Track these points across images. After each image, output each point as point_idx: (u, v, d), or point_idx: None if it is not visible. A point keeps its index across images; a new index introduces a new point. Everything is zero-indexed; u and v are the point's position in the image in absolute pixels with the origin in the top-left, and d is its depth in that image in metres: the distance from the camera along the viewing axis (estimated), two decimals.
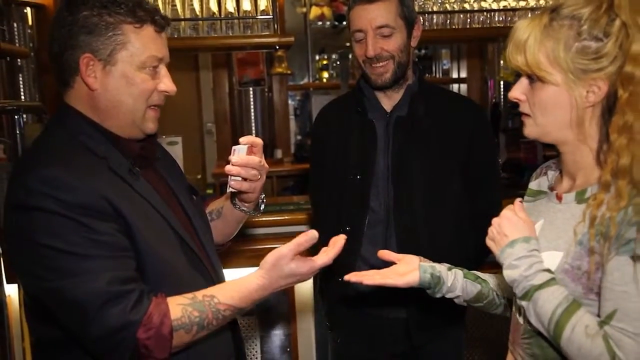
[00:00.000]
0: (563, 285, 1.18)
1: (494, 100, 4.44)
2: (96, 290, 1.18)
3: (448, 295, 1.45)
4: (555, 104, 1.21)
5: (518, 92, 1.27)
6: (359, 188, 2.00)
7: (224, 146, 5.42)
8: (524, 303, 1.20)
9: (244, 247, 2.53)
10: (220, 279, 1.48)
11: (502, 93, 5.06)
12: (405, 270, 1.44)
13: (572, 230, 1.20)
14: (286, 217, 2.72)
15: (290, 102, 5.52)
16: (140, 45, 1.32)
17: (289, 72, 5.06)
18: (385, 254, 1.47)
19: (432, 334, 2.02)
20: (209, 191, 5.07)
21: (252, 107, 5.14)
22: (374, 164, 1.99)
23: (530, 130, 1.28)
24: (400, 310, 2.00)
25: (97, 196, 1.22)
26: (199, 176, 5.30)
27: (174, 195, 1.48)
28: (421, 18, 2.66)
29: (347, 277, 1.44)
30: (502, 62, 4.92)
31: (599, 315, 1.15)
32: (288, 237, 1.77)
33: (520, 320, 1.29)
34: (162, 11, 1.46)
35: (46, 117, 2.70)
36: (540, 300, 1.17)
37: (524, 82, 1.26)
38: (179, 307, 1.24)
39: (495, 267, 1.49)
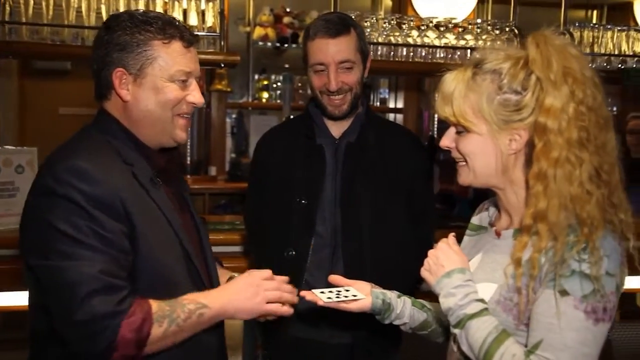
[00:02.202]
0: (495, 316, 1.24)
1: (430, 133, 4.57)
2: (90, 275, 1.25)
3: (396, 322, 1.50)
4: (481, 152, 1.29)
5: (447, 140, 1.35)
6: (305, 213, 2.00)
7: None
8: (457, 331, 1.26)
9: None
10: None
11: (435, 126, 5.21)
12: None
13: (505, 267, 1.26)
14: (220, 237, 2.68)
15: (227, 119, 5.47)
16: (169, 59, 1.42)
17: (229, 89, 5.02)
18: (336, 279, 1.50)
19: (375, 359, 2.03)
20: None
21: None
22: (322, 189, 2.00)
23: (464, 178, 1.35)
24: (344, 336, 2.00)
25: (114, 195, 1.32)
26: None
27: (189, 212, 1.57)
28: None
29: (303, 293, 1.46)
30: (436, 96, 5.08)
31: (526, 345, 1.21)
32: (222, 256, 1.75)
33: (454, 347, 1.33)
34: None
35: None
36: (472, 329, 1.22)
37: (452, 131, 1.34)
38: (155, 302, 1.32)
39: (424, 295, 1.54)
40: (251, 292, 1.43)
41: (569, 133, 1.20)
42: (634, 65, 3.44)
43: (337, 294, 1.44)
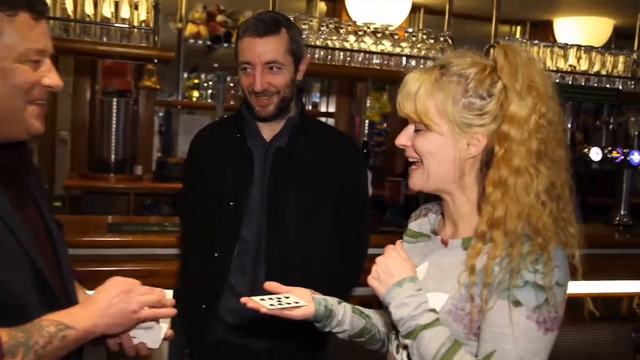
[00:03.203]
0: (446, 326, 1.23)
1: (364, 139, 4.62)
2: None
3: (335, 330, 1.45)
4: (439, 152, 1.28)
5: (404, 138, 1.33)
6: (231, 215, 1.96)
7: (78, 157, 5.09)
8: (408, 342, 1.23)
9: (97, 268, 2.37)
10: None
11: (366, 131, 5.27)
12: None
13: (458, 275, 1.25)
14: (149, 239, 2.59)
15: (155, 118, 5.32)
16: (15, 36, 1.17)
17: (157, 86, 4.89)
18: (273, 286, 1.44)
19: None
20: (57, 203, 4.71)
21: (114, 119, 4.87)
22: (249, 192, 1.96)
23: (415, 181, 1.33)
24: (265, 341, 1.97)
25: None
26: (46, 186, 4.91)
27: (42, 219, 1.32)
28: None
29: (244, 300, 1.38)
30: (368, 101, 5.14)
31: (476, 356, 1.20)
32: (149, 259, 1.65)
33: (398, 357, 1.32)
34: None
35: None
36: (425, 339, 1.21)
37: (410, 129, 1.32)
38: (5, 331, 1.12)
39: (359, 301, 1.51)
40: (122, 301, 1.25)
41: (529, 144, 1.21)
42: (570, 82, 3.59)
43: (278, 301, 1.39)
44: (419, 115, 1.27)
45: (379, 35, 3.18)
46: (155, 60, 2.86)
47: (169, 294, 2.50)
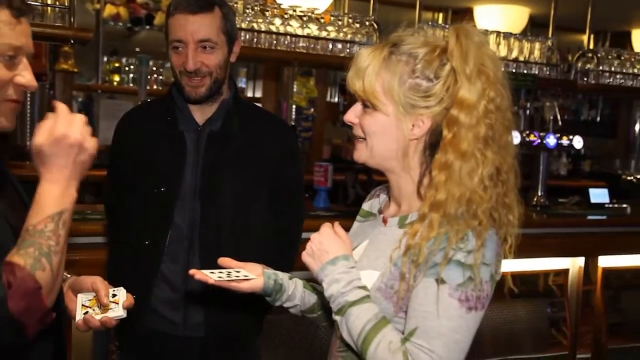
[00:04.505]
0: (376, 303, 1.24)
1: (292, 124, 4.59)
2: None
3: (286, 304, 1.46)
4: (384, 132, 1.28)
5: (352, 115, 1.32)
6: (163, 202, 1.90)
7: None
8: (338, 318, 1.25)
9: None
10: None
11: (293, 116, 5.25)
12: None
13: (390, 253, 1.27)
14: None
15: (73, 103, 5.10)
16: None
17: (75, 70, 4.67)
18: (226, 261, 1.43)
19: (232, 356, 1.99)
20: None
21: (28, 103, 4.63)
22: (182, 178, 1.91)
23: (360, 154, 1.33)
24: (198, 330, 1.93)
25: None
26: None
27: (22, 202, 1.33)
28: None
29: (192, 272, 1.37)
30: (295, 86, 5.12)
31: (403, 332, 1.23)
32: (68, 248, 1.59)
33: (338, 334, 1.33)
34: None
35: None
36: (352, 316, 1.22)
37: (358, 107, 1.32)
38: (17, 255, 1.13)
39: None
40: (77, 151, 1.19)
41: (477, 129, 1.22)
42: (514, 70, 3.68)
43: (227, 274, 1.38)
44: (366, 94, 1.27)
45: (305, 18, 3.17)
46: (72, 42, 2.73)
47: None
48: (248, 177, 1.96)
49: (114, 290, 1.38)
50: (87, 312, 1.34)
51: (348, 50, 3.27)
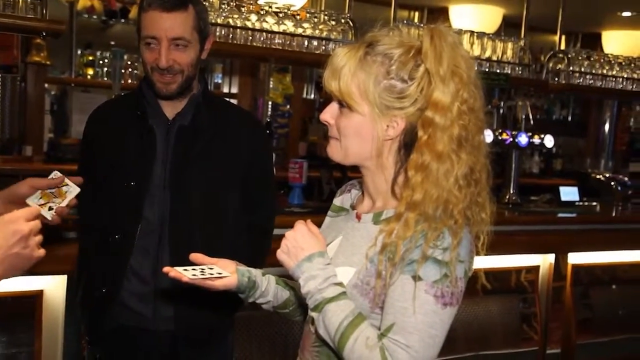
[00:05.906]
0: (352, 300, 1.25)
1: (268, 120, 4.59)
2: None
3: (259, 301, 1.46)
4: (359, 132, 1.29)
5: (328, 115, 1.33)
6: (132, 196, 1.89)
7: None
8: (314, 314, 1.26)
9: None
10: None
11: (269, 112, 5.24)
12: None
13: (366, 249, 1.28)
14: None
15: (46, 96, 5.02)
16: None
17: (48, 62, 4.61)
18: (198, 257, 1.42)
19: (203, 351, 1.98)
20: None
21: None
22: (151, 172, 1.90)
23: (334, 152, 1.34)
24: (168, 324, 1.93)
25: None
26: None
27: None
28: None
29: (165, 270, 1.36)
30: (271, 83, 5.11)
31: (379, 328, 1.24)
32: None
33: (312, 329, 1.33)
34: None
35: None
36: (329, 312, 1.23)
37: (334, 106, 1.32)
38: None
39: None
40: (16, 240, 1.17)
41: (452, 130, 1.24)
42: (487, 69, 3.71)
43: (201, 271, 1.37)
44: (342, 94, 1.28)
45: (281, 15, 3.16)
46: (44, 33, 2.69)
47: (63, 279, 2.40)
48: (218, 171, 1.96)
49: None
50: (51, 208, 1.34)
51: (324, 48, 3.27)
